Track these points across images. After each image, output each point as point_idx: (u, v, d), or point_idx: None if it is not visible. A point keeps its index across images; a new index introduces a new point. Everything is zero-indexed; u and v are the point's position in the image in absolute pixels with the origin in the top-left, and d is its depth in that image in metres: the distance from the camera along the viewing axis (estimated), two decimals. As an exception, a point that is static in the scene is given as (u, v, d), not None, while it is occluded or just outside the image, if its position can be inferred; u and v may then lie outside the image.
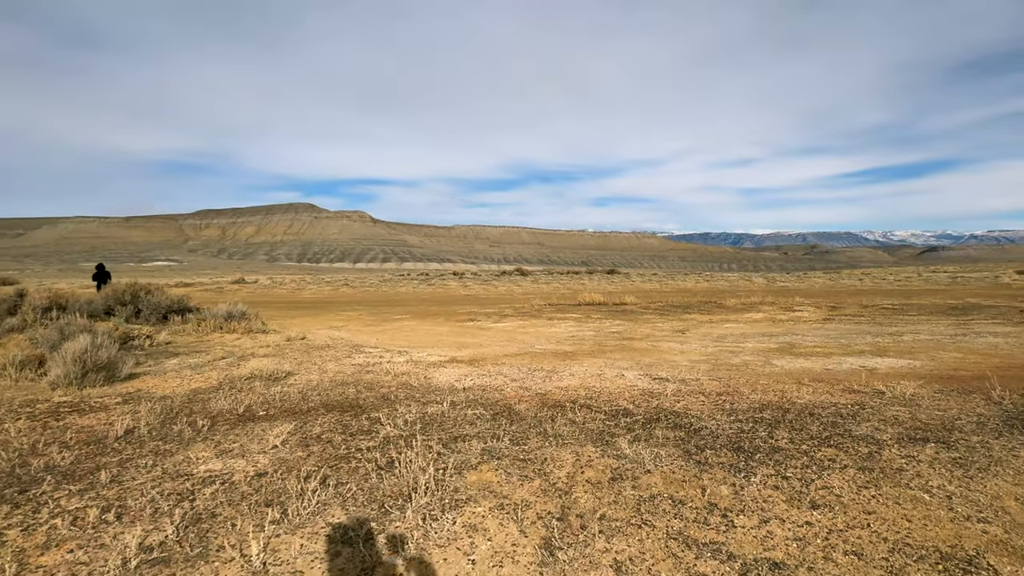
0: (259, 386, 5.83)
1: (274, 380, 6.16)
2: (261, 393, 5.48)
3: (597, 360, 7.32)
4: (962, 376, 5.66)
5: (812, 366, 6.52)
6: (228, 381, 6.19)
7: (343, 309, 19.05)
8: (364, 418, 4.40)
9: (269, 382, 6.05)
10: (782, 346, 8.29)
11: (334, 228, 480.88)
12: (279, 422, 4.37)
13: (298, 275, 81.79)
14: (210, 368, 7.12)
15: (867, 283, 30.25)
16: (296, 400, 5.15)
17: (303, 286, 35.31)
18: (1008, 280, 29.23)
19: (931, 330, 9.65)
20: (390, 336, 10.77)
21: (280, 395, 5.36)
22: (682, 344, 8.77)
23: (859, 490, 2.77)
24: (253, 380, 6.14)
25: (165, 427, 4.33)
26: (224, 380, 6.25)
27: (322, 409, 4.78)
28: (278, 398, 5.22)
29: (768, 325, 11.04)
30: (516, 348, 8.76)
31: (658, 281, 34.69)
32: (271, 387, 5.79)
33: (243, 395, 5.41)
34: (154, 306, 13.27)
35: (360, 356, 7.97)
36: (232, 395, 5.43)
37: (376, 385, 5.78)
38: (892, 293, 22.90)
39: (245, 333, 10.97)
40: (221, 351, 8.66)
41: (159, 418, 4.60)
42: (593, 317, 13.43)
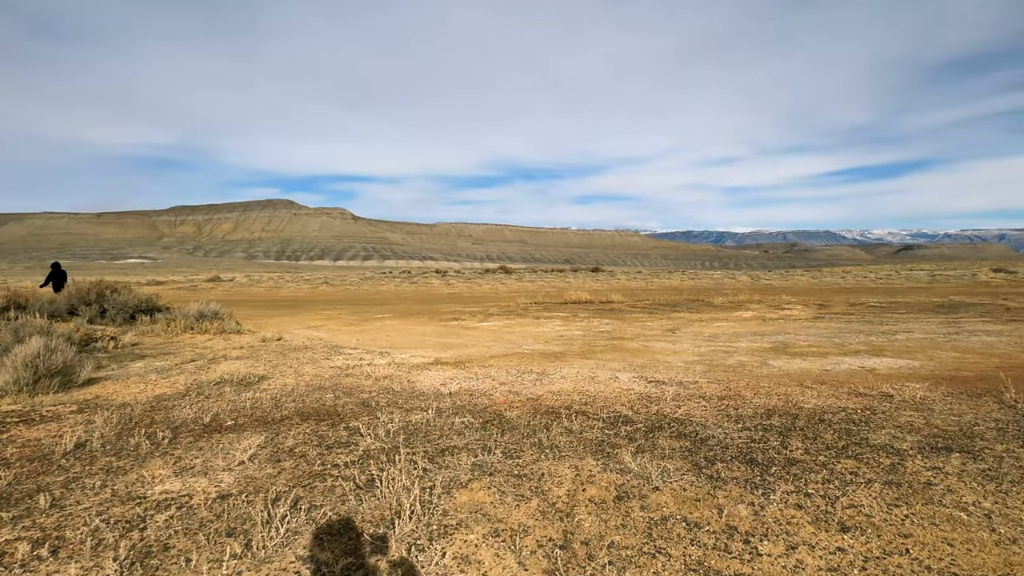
0: (229, 392, 5.43)
1: (246, 385, 5.76)
2: (231, 400, 5.09)
3: (588, 361, 7.05)
4: (965, 377, 5.49)
5: (810, 367, 6.32)
6: (196, 386, 5.78)
7: (322, 308, 18.54)
8: (342, 428, 4.05)
9: (240, 387, 5.66)
10: (776, 346, 8.10)
11: (314, 225, 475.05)
12: (249, 433, 4.00)
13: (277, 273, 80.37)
14: (177, 372, 6.69)
15: (850, 281, 30.56)
16: (268, 407, 4.77)
17: (281, 284, 34.55)
18: (986, 278, 29.74)
19: (923, 328, 9.57)
20: (371, 336, 10.38)
21: (251, 402, 4.98)
22: (674, 344, 8.54)
23: (889, 509, 2.51)
24: (223, 385, 5.73)
25: (121, 440, 3.93)
26: (191, 385, 5.83)
27: (296, 418, 4.41)
28: (249, 405, 4.84)
29: (758, 324, 10.88)
30: (503, 349, 8.45)
31: (643, 279, 34.65)
32: (242, 393, 5.40)
33: (211, 402, 5.02)
34: (120, 305, 12.68)
35: (339, 358, 7.59)
36: (199, 402, 5.03)
37: (356, 390, 5.43)
38: (876, 291, 23.09)
39: (218, 334, 10.50)
40: (191, 353, 8.21)
41: (115, 429, 4.19)
42: (581, 316, 13.18)
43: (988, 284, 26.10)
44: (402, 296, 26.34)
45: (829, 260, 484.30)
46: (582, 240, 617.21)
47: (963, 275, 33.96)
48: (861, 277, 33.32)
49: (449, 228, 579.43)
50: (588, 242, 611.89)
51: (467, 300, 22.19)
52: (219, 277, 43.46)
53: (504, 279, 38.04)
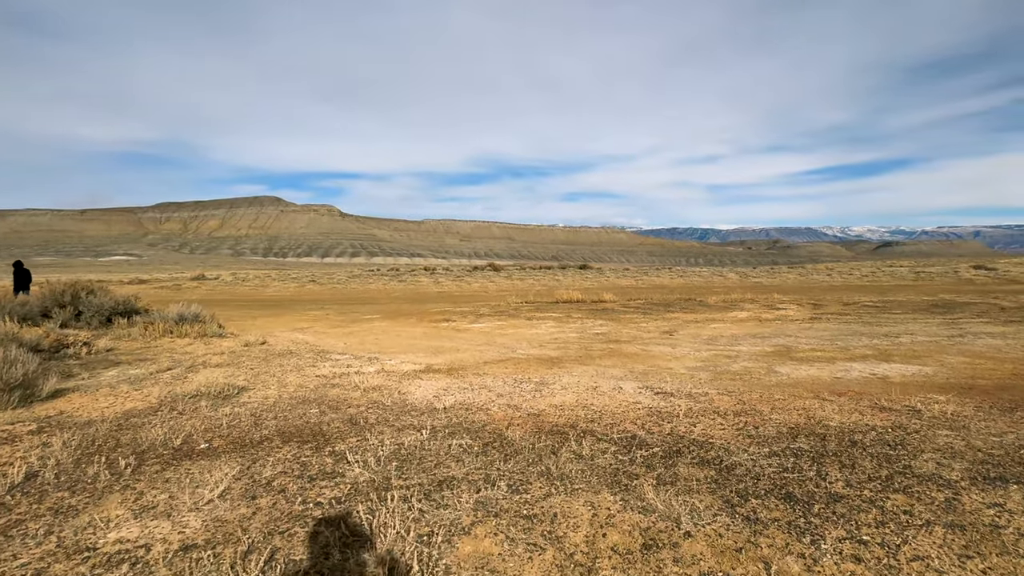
0: (205, 407, 5.01)
1: (224, 398, 5.34)
2: (206, 417, 4.67)
3: (587, 368, 6.70)
4: (985, 387, 5.23)
5: (820, 374, 6.03)
6: (169, 400, 5.35)
7: (309, 308, 18.04)
8: (327, 453, 3.66)
9: (218, 401, 5.24)
10: (779, 350, 7.82)
11: (301, 222, 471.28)
12: (223, 460, 3.59)
13: (263, 270, 79.24)
14: (152, 382, 6.25)
15: (837, 279, 30.58)
16: (247, 426, 4.37)
17: (267, 283, 33.86)
18: (969, 275, 29.92)
19: (924, 330, 9.35)
20: (359, 340, 9.96)
21: (229, 419, 4.57)
22: (673, 348, 8.23)
23: (961, 561, 2.19)
24: (199, 399, 5.31)
25: (78, 469, 3.51)
26: (165, 398, 5.40)
27: (277, 439, 4.01)
28: (225, 424, 4.42)
29: (756, 325, 10.62)
30: (497, 353, 8.08)
31: (633, 277, 34.43)
32: (219, 407, 4.98)
33: (184, 420, 4.60)
34: (96, 308, 12.13)
35: (326, 365, 7.18)
36: (171, 420, 4.61)
37: (343, 403, 5.03)
38: (865, 289, 23.05)
39: (198, 338, 10.02)
40: (168, 360, 7.75)
41: (74, 455, 3.77)
42: (574, 316, 12.85)
43: (973, 282, 26.22)
44: (391, 295, 25.87)
45: (811, 256, 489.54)
46: (569, 237, 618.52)
47: (946, 272, 34.18)
48: (847, 275, 33.41)
49: (437, 225, 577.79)
50: (575, 239, 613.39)
51: (457, 299, 21.80)
52: (204, 275, 42.60)
53: (493, 277, 37.66)
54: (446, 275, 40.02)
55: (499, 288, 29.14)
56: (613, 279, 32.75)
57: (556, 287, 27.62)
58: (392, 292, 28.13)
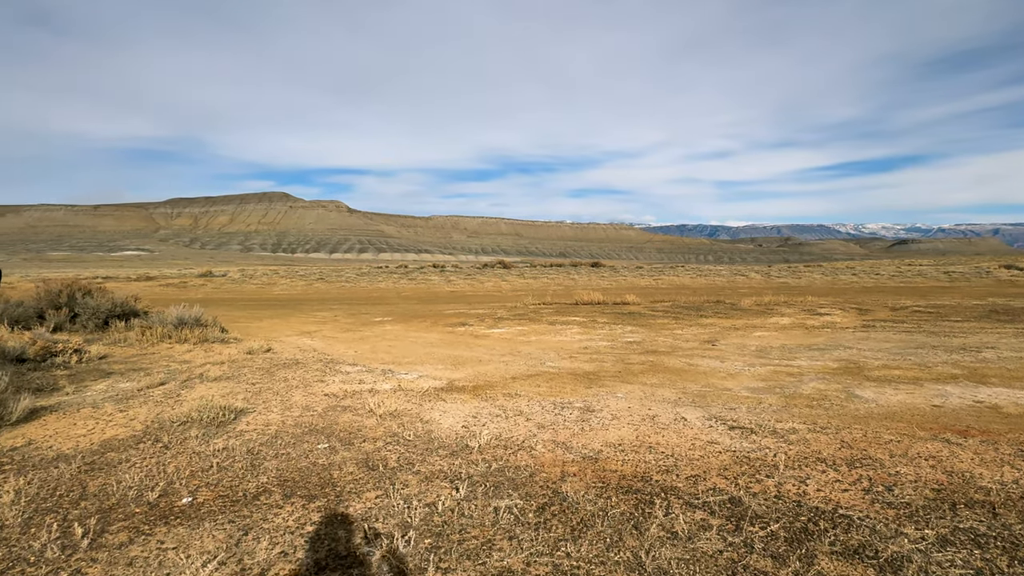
0: (195, 437, 4.23)
1: (218, 425, 4.55)
2: (194, 453, 3.89)
3: (631, 388, 5.86)
4: None
5: (913, 401, 5.15)
6: (156, 427, 4.57)
7: (317, 309, 17.30)
8: (339, 519, 2.85)
9: (211, 429, 4.45)
10: (846, 366, 6.93)
11: (310, 218, 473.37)
12: (207, 527, 2.80)
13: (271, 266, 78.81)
14: (140, 401, 5.49)
15: (866, 280, 29.45)
16: (242, 469, 3.57)
17: (275, 280, 33.23)
18: (1007, 276, 28.70)
19: (1004, 343, 8.41)
20: (371, 346, 9.18)
21: (220, 458, 3.78)
22: (722, 362, 7.36)
23: None
24: (189, 426, 4.53)
25: (24, 537, 2.74)
26: (151, 425, 4.63)
27: (277, 492, 3.21)
28: (216, 465, 3.63)
29: (803, 334, 9.71)
30: (524, 366, 7.26)
31: (650, 276, 33.46)
32: (212, 439, 4.20)
33: (168, 457, 3.81)
34: (92, 310, 11.41)
35: (335, 379, 6.39)
36: (153, 457, 3.83)
37: (356, 435, 4.23)
38: (902, 291, 21.96)
39: (198, 343, 9.29)
40: (163, 371, 7.00)
41: (24, 513, 3.00)
42: (599, 321, 11.99)
43: (1014, 283, 25.05)
44: (401, 295, 25.12)
45: (824, 254, 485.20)
46: (576, 233, 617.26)
47: (976, 272, 32.93)
48: (874, 275, 32.24)
49: (444, 221, 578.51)
50: (583, 235, 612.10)
51: (471, 300, 20.99)
52: (211, 272, 42.08)
53: (505, 275, 36.82)
54: (457, 273, 39.26)
55: (513, 288, 28.31)
56: (631, 279, 31.79)
57: (573, 287, 26.76)
58: (402, 291, 27.38)
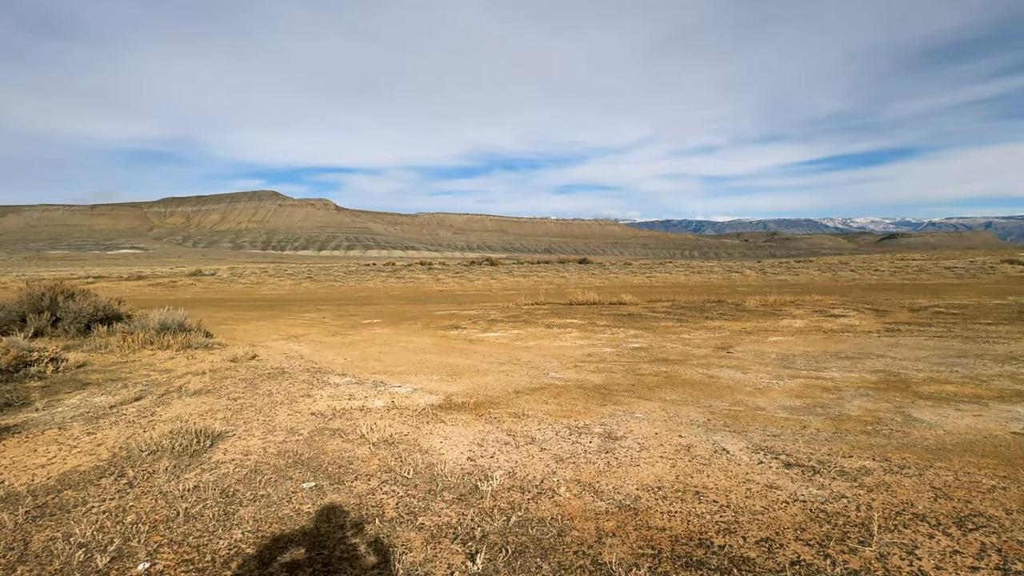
0: (164, 472, 3.81)
1: (192, 455, 4.13)
2: (161, 494, 3.47)
3: (651, 406, 5.47)
4: None
5: (985, 426, 4.60)
6: (124, 455, 4.15)
7: (305, 309, 16.82)
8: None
9: (183, 460, 4.04)
10: (886, 379, 6.44)
11: (298, 216, 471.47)
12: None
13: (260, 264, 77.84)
14: (112, 420, 5.06)
15: (869, 277, 29.28)
16: (212, 520, 3.14)
17: (263, 279, 32.58)
18: (1016, 272, 28.65)
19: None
20: (360, 353, 8.76)
21: (190, 502, 3.36)
22: (744, 373, 6.97)
23: None
24: (160, 456, 4.11)
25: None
26: (118, 453, 4.21)
27: (253, 560, 2.79)
28: (182, 514, 3.21)
29: (824, 339, 9.34)
30: (527, 378, 6.88)
31: (642, 274, 33.16)
32: (182, 474, 3.78)
33: (130, 500, 3.40)
34: (74, 314, 10.90)
35: (323, 393, 5.98)
36: (114, 500, 3.41)
37: (347, 470, 3.82)
38: (910, 289, 21.74)
39: (181, 350, 8.85)
40: (141, 382, 6.56)
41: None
42: (599, 324, 11.64)
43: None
44: (390, 294, 24.63)
45: (811, 249, 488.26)
46: (562, 230, 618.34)
47: (980, 267, 32.93)
48: (875, 271, 32.13)
49: (430, 218, 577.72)
50: (568, 231, 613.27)
51: (461, 300, 20.58)
52: (201, 271, 41.34)
53: (494, 273, 36.42)
54: (445, 271, 38.79)
55: (503, 286, 27.90)
56: (623, 276, 31.47)
57: (564, 285, 26.41)
58: (391, 290, 26.89)
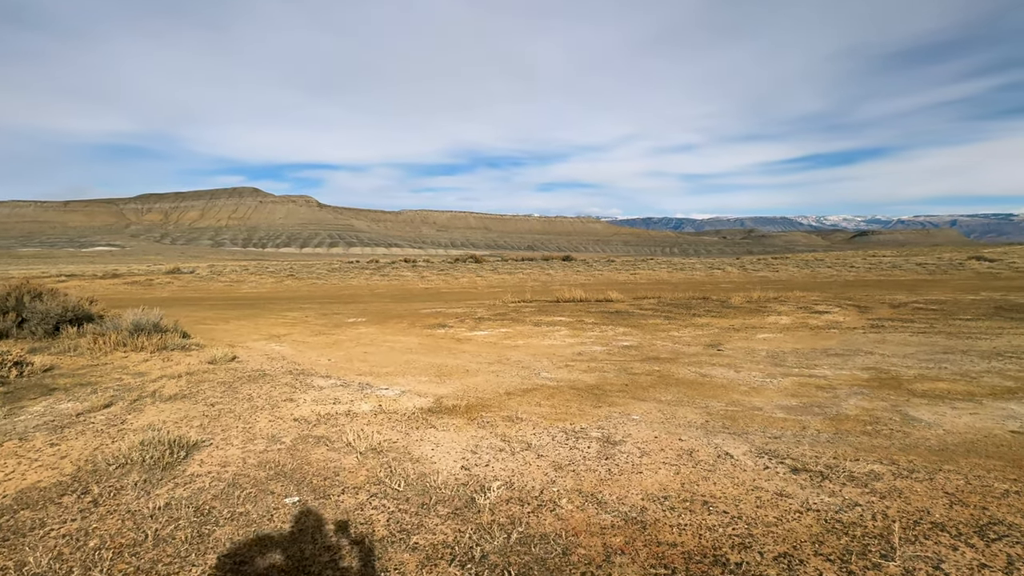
0: (132, 487, 3.53)
1: (164, 467, 3.85)
2: (128, 513, 3.20)
3: (646, 407, 5.31)
4: None
5: (984, 425, 4.53)
6: (89, 469, 3.85)
7: (287, 308, 16.42)
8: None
9: (155, 472, 3.76)
10: (878, 377, 6.38)
11: (280, 213, 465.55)
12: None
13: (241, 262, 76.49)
14: (79, 429, 4.74)
15: (846, 273, 29.61)
16: (184, 544, 2.87)
17: (243, 277, 31.91)
18: (984, 268, 29.19)
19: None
20: (345, 353, 8.49)
21: (160, 522, 3.09)
22: (736, 371, 6.85)
23: None
24: (130, 469, 3.82)
25: None
26: (84, 465, 3.91)
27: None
28: (151, 537, 2.94)
29: (811, 336, 9.30)
30: (517, 378, 6.68)
31: (626, 270, 33.15)
32: (153, 490, 3.50)
33: (94, 521, 3.11)
34: (41, 315, 10.43)
35: (307, 397, 5.71)
36: (75, 521, 3.13)
37: (333, 483, 3.58)
38: (886, 284, 22.00)
39: (157, 351, 8.48)
40: (113, 387, 6.22)
41: None
42: (587, 322, 11.48)
43: (996, 275, 25.44)
44: (375, 292, 24.26)
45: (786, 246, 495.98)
46: (544, 227, 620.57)
47: (949, 263, 33.56)
48: (851, 267, 32.53)
49: (414, 215, 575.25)
50: (550, 228, 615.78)
51: (447, 298, 20.31)
52: (179, 269, 40.41)
53: (479, 270, 36.17)
54: (429, 268, 38.43)
55: (489, 284, 27.66)
56: (607, 273, 31.42)
57: (550, 283, 26.27)
58: (375, 288, 26.50)
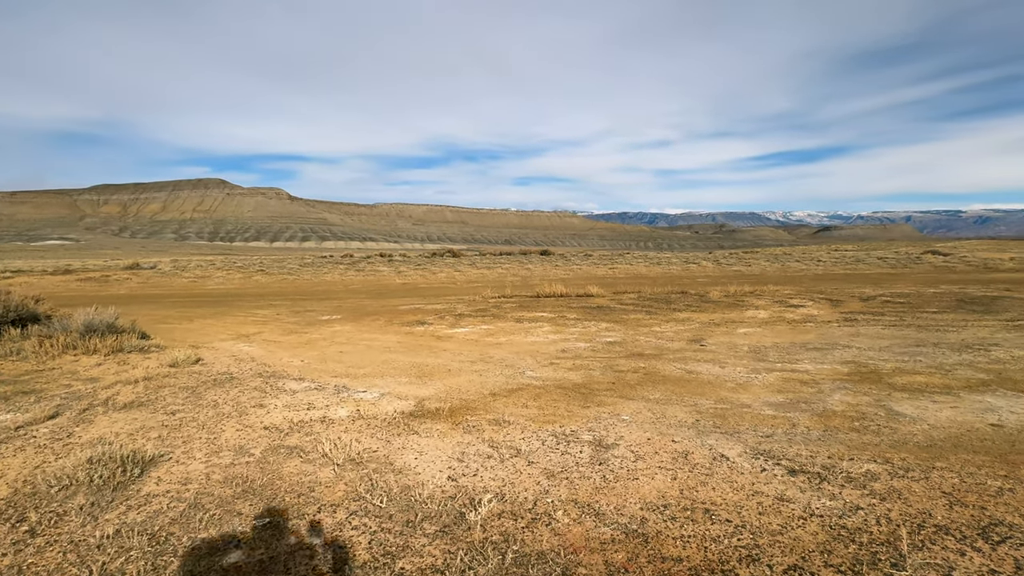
0: (78, 512, 3.09)
1: (116, 487, 3.42)
2: (72, 544, 2.77)
3: (635, 406, 5.06)
4: None
5: (965, 419, 4.50)
6: (27, 492, 3.39)
7: (257, 306, 15.75)
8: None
9: (103, 495, 3.32)
10: (859, 371, 6.34)
11: (248, 205, 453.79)
12: None
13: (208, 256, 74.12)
14: (17, 445, 4.24)
15: (814, 267, 30.09)
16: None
17: (210, 272, 30.78)
18: (940, 262, 30.01)
19: (999, 337, 8.11)
20: (319, 353, 8.03)
21: (108, 554, 2.67)
22: (721, 367, 6.69)
23: None
24: (76, 490, 3.37)
25: None
26: (21, 488, 3.44)
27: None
28: (97, 572, 2.53)
29: (789, 330, 9.24)
30: (501, 377, 6.36)
31: (605, 265, 33.10)
32: (102, 515, 3.07)
33: (27, 556, 2.68)
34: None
35: (278, 402, 5.28)
36: (6, 555, 2.69)
37: (307, 499, 3.20)
38: (853, 278, 22.36)
39: (112, 354, 7.87)
40: (59, 395, 5.67)
41: None
42: (569, 317, 11.22)
43: (951, 269, 26.17)
44: (349, 287, 23.61)
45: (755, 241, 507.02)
46: (521, 221, 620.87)
47: (907, 257, 34.45)
48: (818, 262, 33.12)
49: (389, 209, 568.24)
50: (527, 223, 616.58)
51: (425, 293, 19.85)
52: (139, 264, 38.78)
53: (457, 265, 35.69)
54: (406, 263, 37.77)
55: (468, 279, 27.24)
56: (586, 268, 31.30)
57: (529, 277, 26.00)
58: (350, 284, 25.82)
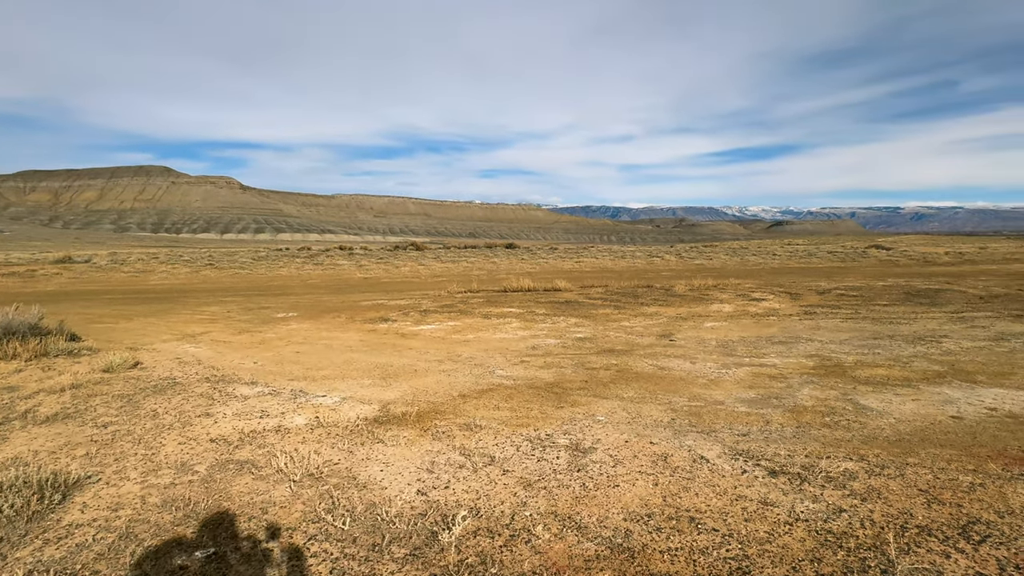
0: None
1: (31, 517, 2.94)
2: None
3: (610, 405, 4.84)
4: None
5: (927, 411, 4.54)
6: (-81, 527, 2.86)
7: (205, 302, 14.84)
8: None
9: (15, 526, 2.84)
10: (823, 364, 6.36)
11: (196, 195, 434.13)
12: None
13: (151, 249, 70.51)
14: (-87, 468, 3.64)
15: (771, 261, 30.89)
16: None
17: (152, 267, 29.10)
18: (885, 256, 31.33)
19: (947, 328, 8.38)
20: (275, 354, 7.50)
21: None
22: (692, 363, 6.56)
23: None
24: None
25: None
26: (-88, 522, 2.90)
27: None
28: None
29: (753, 324, 9.28)
30: (471, 377, 6.03)
31: (571, 259, 33.07)
32: (11, 553, 2.61)
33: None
34: None
35: (228, 410, 4.81)
36: None
37: (258, 524, 2.80)
38: (808, 272, 22.98)
39: (35, 359, 7.12)
40: (-30, 406, 5.02)
41: None
42: (538, 313, 10.97)
43: (895, 263, 27.31)
44: (307, 283, 22.70)
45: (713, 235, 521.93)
46: (486, 214, 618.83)
47: (854, 251, 35.88)
48: (774, 256, 34.08)
49: (349, 200, 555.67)
50: (492, 216, 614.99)
51: (388, 288, 19.23)
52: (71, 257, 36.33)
53: (421, 259, 35.00)
54: (368, 256, 36.80)
55: (432, 273, 26.67)
56: (552, 261, 31.18)
57: (496, 271, 25.66)
58: (308, 278, 24.85)
